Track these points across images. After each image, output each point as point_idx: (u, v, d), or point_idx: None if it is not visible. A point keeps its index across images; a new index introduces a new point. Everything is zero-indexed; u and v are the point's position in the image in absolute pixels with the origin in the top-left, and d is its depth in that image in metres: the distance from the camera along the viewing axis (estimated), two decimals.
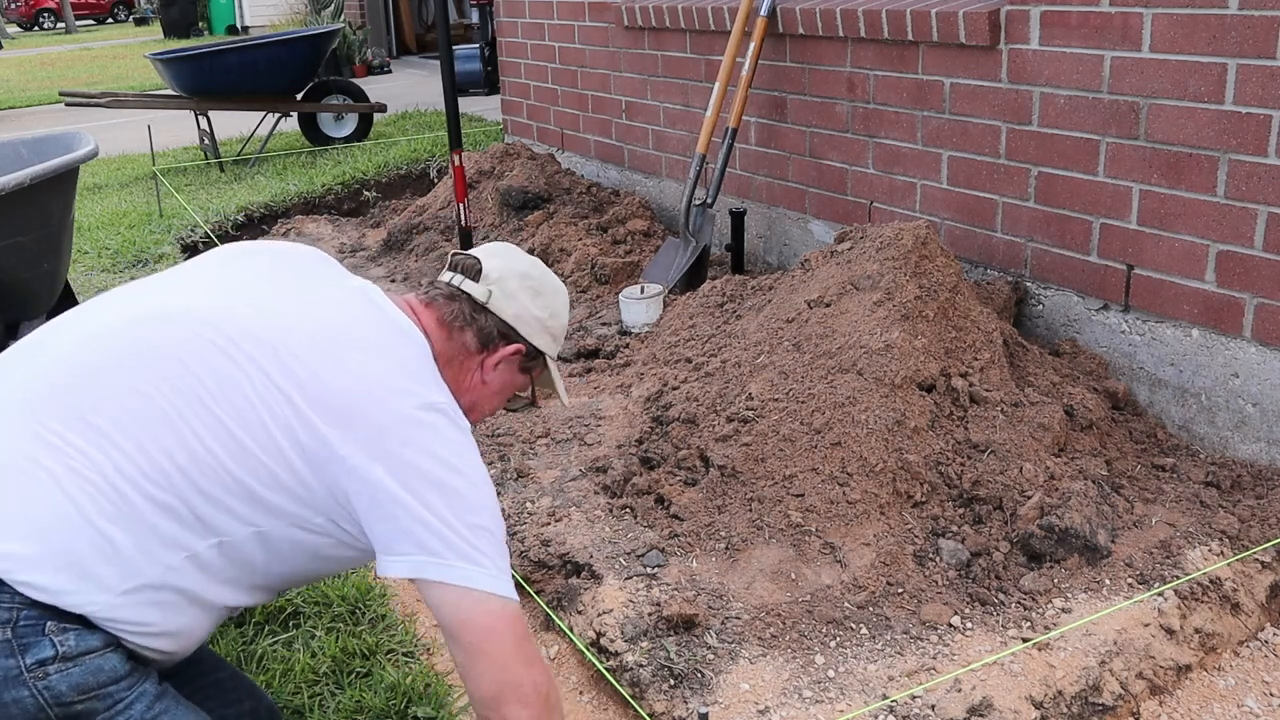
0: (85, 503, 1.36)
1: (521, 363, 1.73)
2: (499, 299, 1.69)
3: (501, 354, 1.68)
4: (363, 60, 13.08)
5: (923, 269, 3.03)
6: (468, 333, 1.67)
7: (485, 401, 1.74)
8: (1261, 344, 2.82)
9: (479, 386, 1.70)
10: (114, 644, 1.39)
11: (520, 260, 1.76)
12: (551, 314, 1.75)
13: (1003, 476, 2.66)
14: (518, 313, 1.70)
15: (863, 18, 3.83)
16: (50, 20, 32.86)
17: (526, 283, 1.72)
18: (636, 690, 2.17)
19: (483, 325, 1.68)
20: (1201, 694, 2.23)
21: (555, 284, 1.78)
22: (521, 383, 1.78)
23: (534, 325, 1.72)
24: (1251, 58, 2.72)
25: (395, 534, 1.45)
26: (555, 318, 1.76)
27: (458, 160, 3.90)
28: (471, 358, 1.68)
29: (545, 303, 1.74)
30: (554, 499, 2.84)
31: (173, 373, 1.43)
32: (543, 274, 1.77)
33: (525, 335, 1.70)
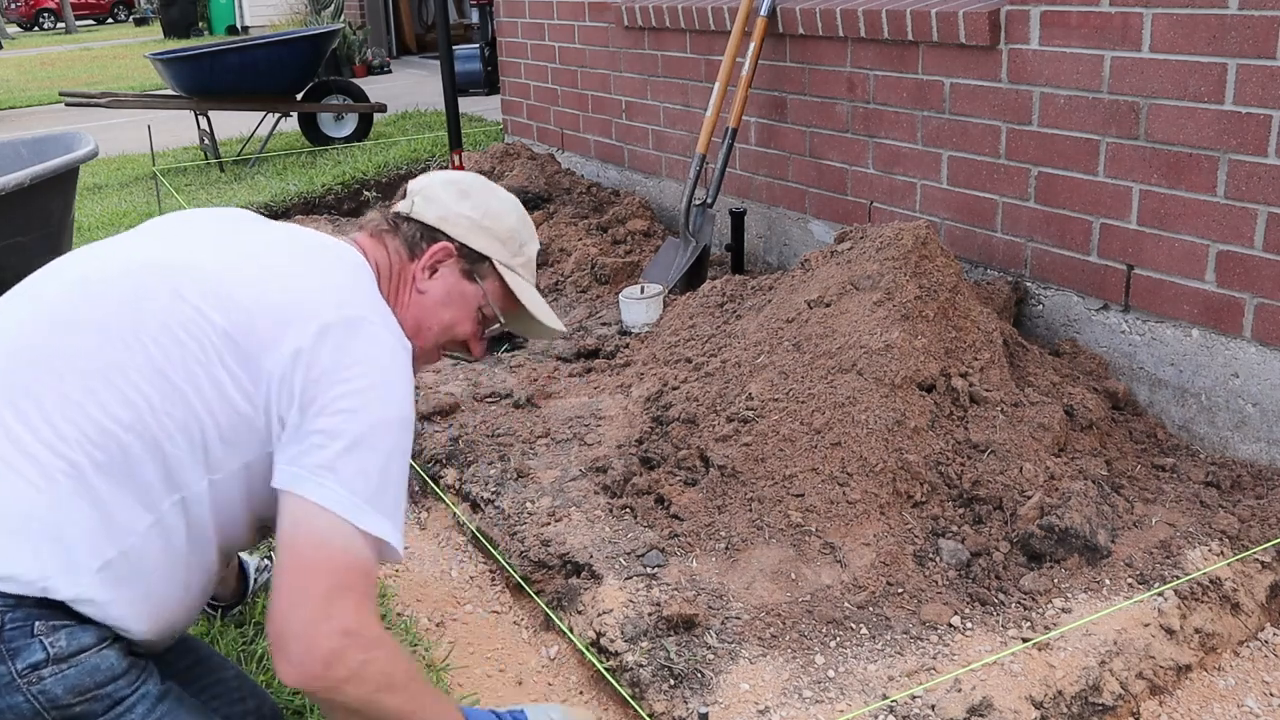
0: (38, 480, 1.32)
1: (462, 267, 1.68)
2: (421, 205, 1.68)
3: (430, 255, 1.65)
4: (363, 60, 13.08)
5: (923, 269, 3.03)
6: (395, 240, 1.66)
7: (430, 316, 1.67)
8: (1261, 344, 2.82)
9: (419, 298, 1.65)
10: (109, 639, 1.36)
11: (451, 173, 1.75)
12: (486, 213, 1.70)
13: (1003, 476, 2.66)
14: (441, 213, 1.67)
15: (863, 18, 3.83)
16: (50, 20, 32.86)
17: (451, 186, 1.70)
18: (636, 690, 2.17)
19: (407, 231, 1.66)
20: (1201, 694, 2.23)
21: (490, 188, 1.74)
22: (472, 294, 1.71)
23: (464, 224, 1.67)
24: (1251, 58, 2.72)
25: (291, 441, 1.39)
26: (493, 218, 1.70)
27: (458, 160, 3.90)
28: (407, 268, 1.65)
29: (476, 202, 1.69)
30: (554, 499, 2.84)
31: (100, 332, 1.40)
32: (474, 180, 1.73)
33: (454, 235, 1.66)
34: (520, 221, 1.75)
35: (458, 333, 1.71)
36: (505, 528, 2.77)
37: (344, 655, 1.31)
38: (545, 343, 4.01)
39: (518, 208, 1.77)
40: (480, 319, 1.74)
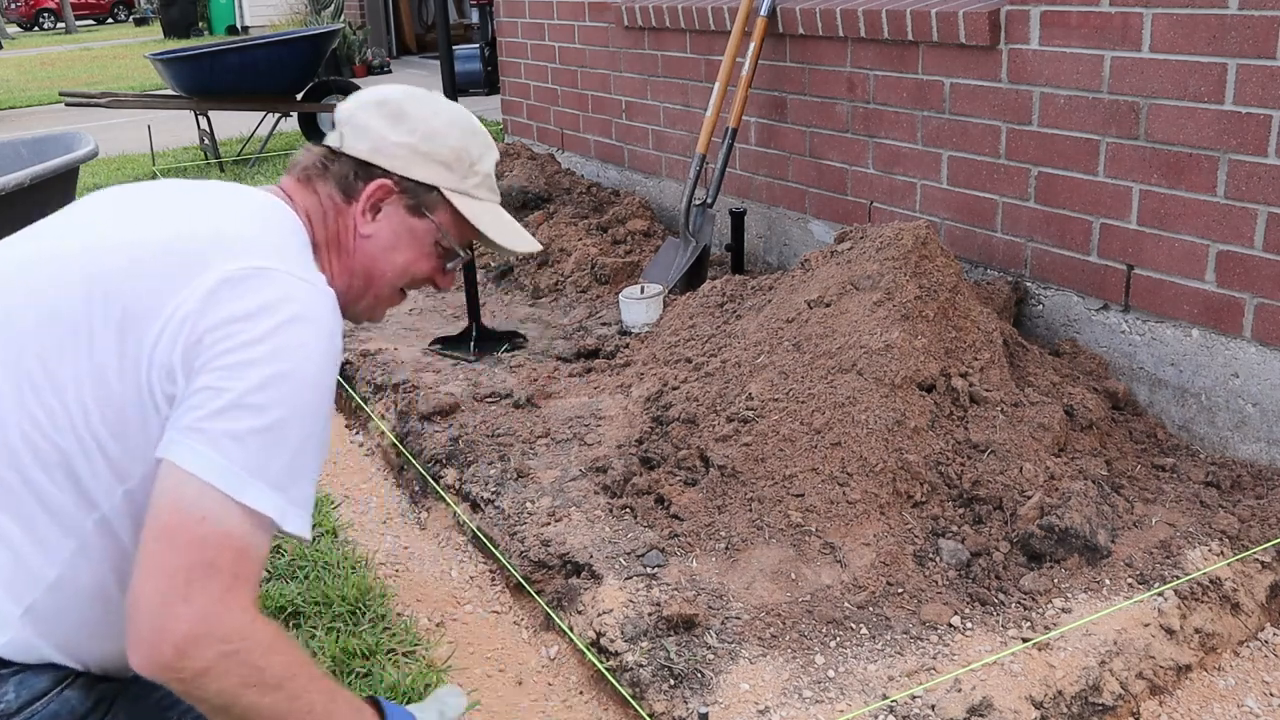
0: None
1: (407, 203, 1.49)
2: (350, 137, 1.48)
3: (367, 196, 1.46)
4: (363, 60, 13.09)
5: (923, 269, 3.03)
6: (328, 183, 1.47)
7: (381, 262, 1.50)
8: (1261, 344, 2.82)
9: (364, 244, 1.48)
10: (68, 677, 1.24)
11: (380, 91, 1.53)
12: (425, 136, 1.49)
13: (1003, 476, 2.66)
14: (374, 145, 1.47)
15: (863, 18, 3.83)
16: (50, 20, 32.86)
17: (382, 109, 1.49)
18: (636, 690, 2.17)
19: (339, 170, 1.47)
20: (1201, 694, 2.23)
21: (429, 102, 1.52)
22: (423, 230, 1.51)
23: (401, 154, 1.47)
24: (1251, 58, 2.72)
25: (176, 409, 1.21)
26: (434, 140, 1.49)
27: None
28: (345, 212, 1.47)
29: (412, 125, 1.49)
30: (554, 499, 2.84)
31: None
32: (407, 96, 1.52)
33: (392, 169, 1.47)
34: (467, 135, 1.53)
35: (416, 273, 1.54)
36: (505, 528, 2.77)
37: (200, 645, 1.12)
38: (545, 342, 4.01)
39: (464, 119, 1.55)
40: (439, 254, 1.55)
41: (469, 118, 1.57)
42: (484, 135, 1.58)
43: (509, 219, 1.61)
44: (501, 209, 1.61)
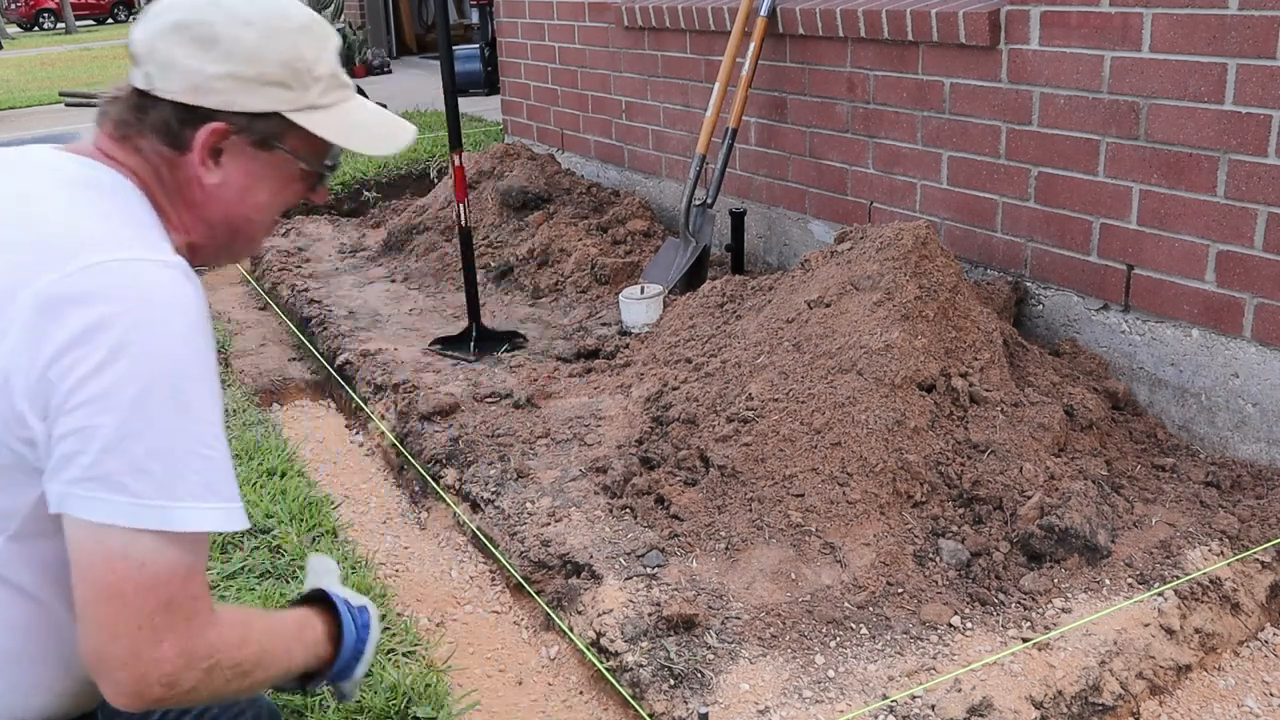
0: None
1: (250, 139, 1.28)
2: (159, 75, 1.25)
3: (200, 144, 1.26)
4: (363, 60, 13.08)
5: (923, 269, 3.03)
6: (148, 137, 1.27)
7: (240, 207, 1.33)
8: (1261, 344, 2.82)
9: (215, 193, 1.29)
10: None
11: (174, 10, 1.27)
12: (249, 59, 1.25)
13: (1003, 476, 2.66)
14: (192, 83, 1.24)
15: (863, 18, 3.83)
16: (50, 20, 32.87)
17: (184, 35, 1.25)
18: (636, 690, 2.17)
19: (157, 119, 1.26)
20: (1201, 694, 2.23)
21: (236, 12, 1.27)
22: (278, 161, 1.32)
23: (225, 86, 1.25)
24: (1251, 58, 2.72)
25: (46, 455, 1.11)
26: (257, 60, 1.26)
27: (458, 160, 3.90)
28: (180, 163, 1.28)
29: (226, 48, 1.24)
30: (554, 499, 2.84)
31: None
32: (206, 10, 1.26)
33: (219, 107, 1.25)
34: (295, 39, 1.30)
35: (285, 203, 1.39)
36: (505, 528, 2.77)
37: (184, 673, 1.12)
38: (545, 342, 4.01)
39: (283, 18, 1.30)
40: (304, 176, 1.37)
41: (288, 12, 1.32)
42: (314, 26, 1.34)
43: (372, 113, 1.41)
44: (359, 102, 1.40)
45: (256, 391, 3.96)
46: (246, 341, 4.49)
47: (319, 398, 4.07)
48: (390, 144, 1.40)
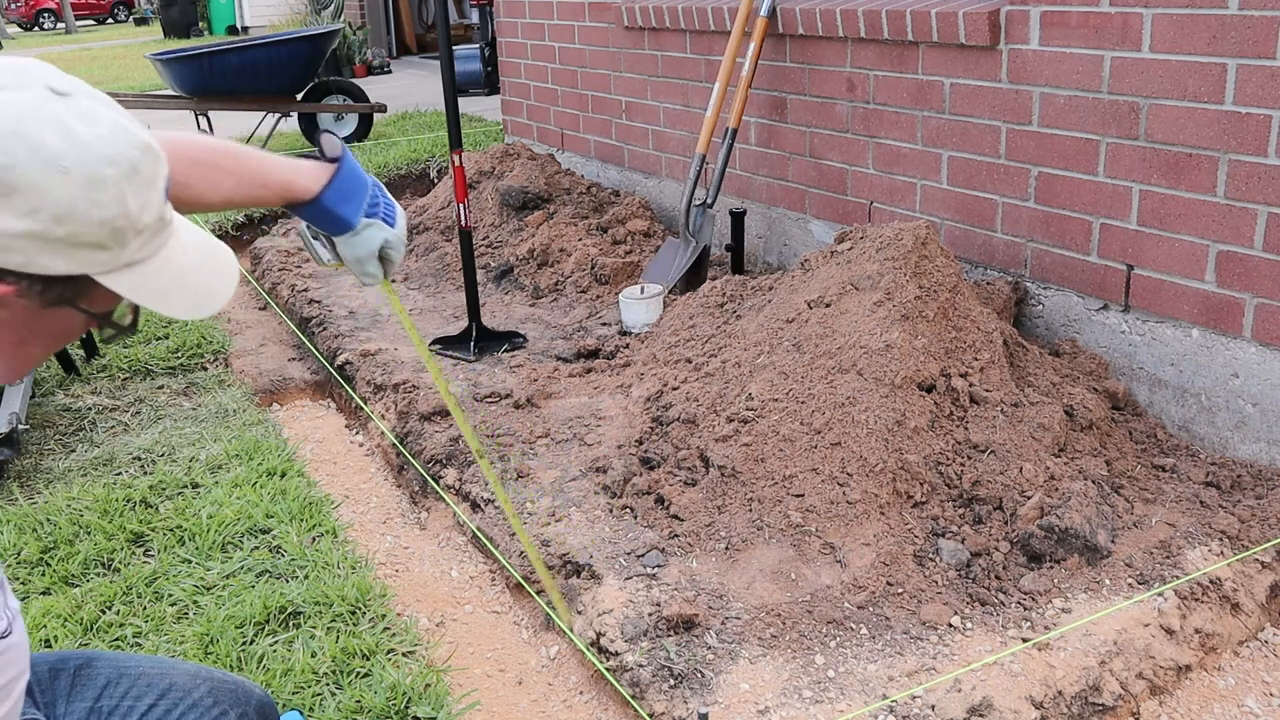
0: None
1: (44, 298, 1.02)
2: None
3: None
4: (363, 60, 13.08)
5: (923, 269, 3.03)
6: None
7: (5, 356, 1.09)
8: (1261, 344, 2.82)
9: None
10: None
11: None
12: (59, 218, 0.97)
13: (1003, 476, 2.66)
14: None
15: (863, 18, 3.83)
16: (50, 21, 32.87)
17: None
18: (636, 690, 2.17)
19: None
20: (1201, 694, 2.23)
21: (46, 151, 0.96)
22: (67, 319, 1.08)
23: (29, 246, 0.97)
24: (1251, 58, 2.72)
25: None
26: (75, 218, 0.98)
27: (458, 160, 3.90)
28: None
29: (32, 203, 0.95)
30: (554, 499, 2.84)
31: None
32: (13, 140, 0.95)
33: (12, 268, 0.98)
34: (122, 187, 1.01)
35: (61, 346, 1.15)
36: (505, 528, 2.77)
37: None
38: (545, 342, 4.01)
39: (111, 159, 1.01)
40: (96, 323, 1.11)
41: (117, 149, 1.02)
42: (144, 162, 1.05)
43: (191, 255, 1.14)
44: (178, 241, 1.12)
45: (256, 391, 3.96)
46: (246, 341, 4.49)
47: (319, 398, 4.07)
48: (206, 303, 1.14)
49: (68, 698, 1.42)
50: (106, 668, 1.47)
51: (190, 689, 1.48)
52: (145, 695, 1.45)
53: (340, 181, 1.60)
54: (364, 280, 1.71)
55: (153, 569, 2.74)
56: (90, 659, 1.48)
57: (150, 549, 2.87)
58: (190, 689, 1.48)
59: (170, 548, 2.84)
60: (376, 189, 1.67)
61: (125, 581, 2.68)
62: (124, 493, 3.10)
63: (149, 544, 2.89)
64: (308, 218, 1.62)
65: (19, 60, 1.03)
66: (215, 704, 1.48)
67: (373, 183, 1.66)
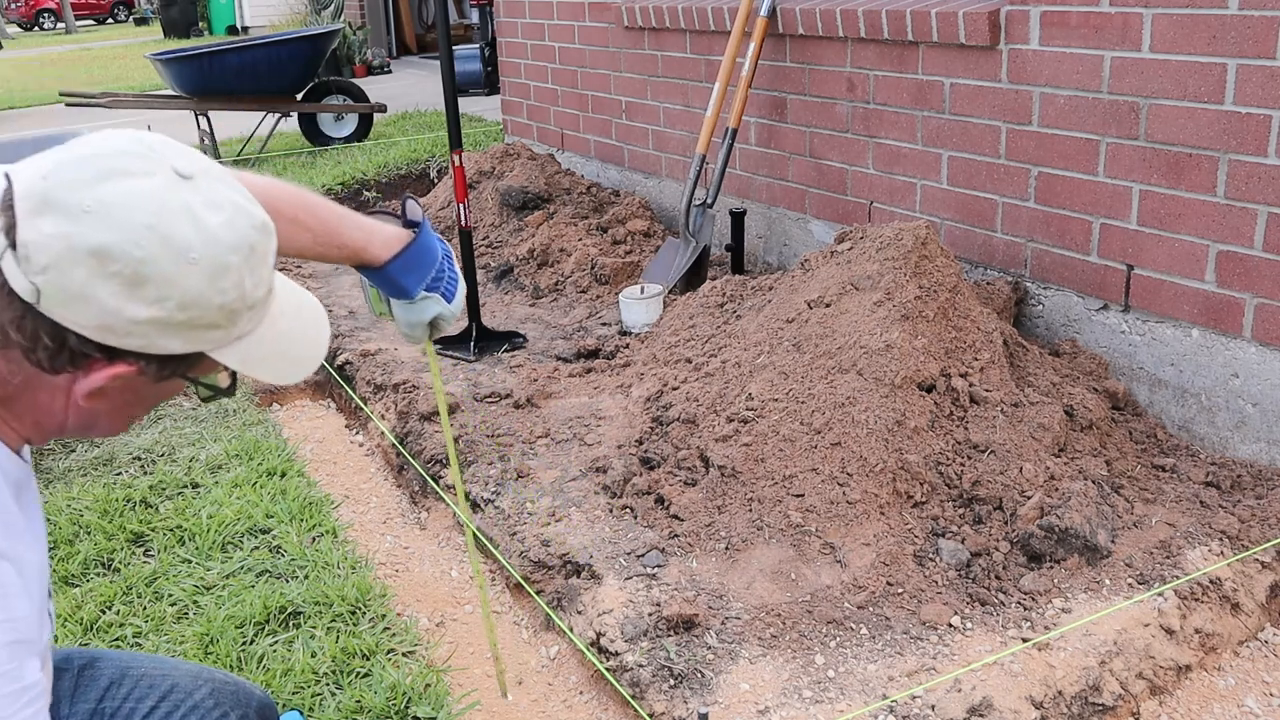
0: None
1: (157, 374, 1.07)
2: (56, 299, 0.98)
3: (95, 380, 1.04)
4: (363, 60, 13.08)
5: (923, 269, 3.03)
6: (13, 355, 1.02)
7: (104, 420, 1.13)
8: (1261, 344, 2.82)
9: (80, 412, 1.09)
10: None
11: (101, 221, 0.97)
12: (184, 304, 1.01)
13: (1003, 476, 2.66)
14: (105, 323, 0.99)
15: (863, 18, 3.83)
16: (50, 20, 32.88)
17: (105, 269, 0.97)
18: (636, 690, 2.17)
19: (31, 336, 1.00)
20: (1201, 694, 2.23)
21: (176, 241, 0.99)
22: (170, 388, 1.13)
23: (151, 330, 1.01)
24: (1251, 58, 2.72)
25: None
26: (198, 305, 1.02)
27: (458, 160, 3.90)
28: (46, 383, 1.05)
29: (160, 292, 0.99)
30: (554, 499, 2.84)
31: None
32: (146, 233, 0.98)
33: (133, 349, 1.02)
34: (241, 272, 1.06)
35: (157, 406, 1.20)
36: (505, 528, 2.77)
37: None
38: (545, 342, 4.01)
39: (234, 246, 1.05)
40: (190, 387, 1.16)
41: (240, 234, 1.05)
42: (261, 241, 1.09)
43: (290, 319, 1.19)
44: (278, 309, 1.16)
45: (256, 391, 3.96)
46: None
47: (319, 398, 4.07)
48: (302, 368, 1.21)
49: (71, 698, 1.43)
50: (110, 668, 1.49)
51: (192, 690, 1.50)
52: (147, 697, 1.47)
53: (410, 255, 1.61)
54: (407, 338, 1.73)
55: (153, 569, 2.74)
56: (94, 659, 1.50)
57: (150, 549, 2.87)
58: (192, 690, 1.50)
59: (170, 548, 2.84)
60: (446, 261, 1.68)
61: (125, 581, 2.68)
62: (124, 493, 3.10)
63: (149, 544, 2.89)
64: (369, 278, 1.64)
65: (141, 137, 1.06)
66: (216, 705, 1.50)
67: (444, 254, 1.68)
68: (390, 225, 1.62)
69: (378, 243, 1.58)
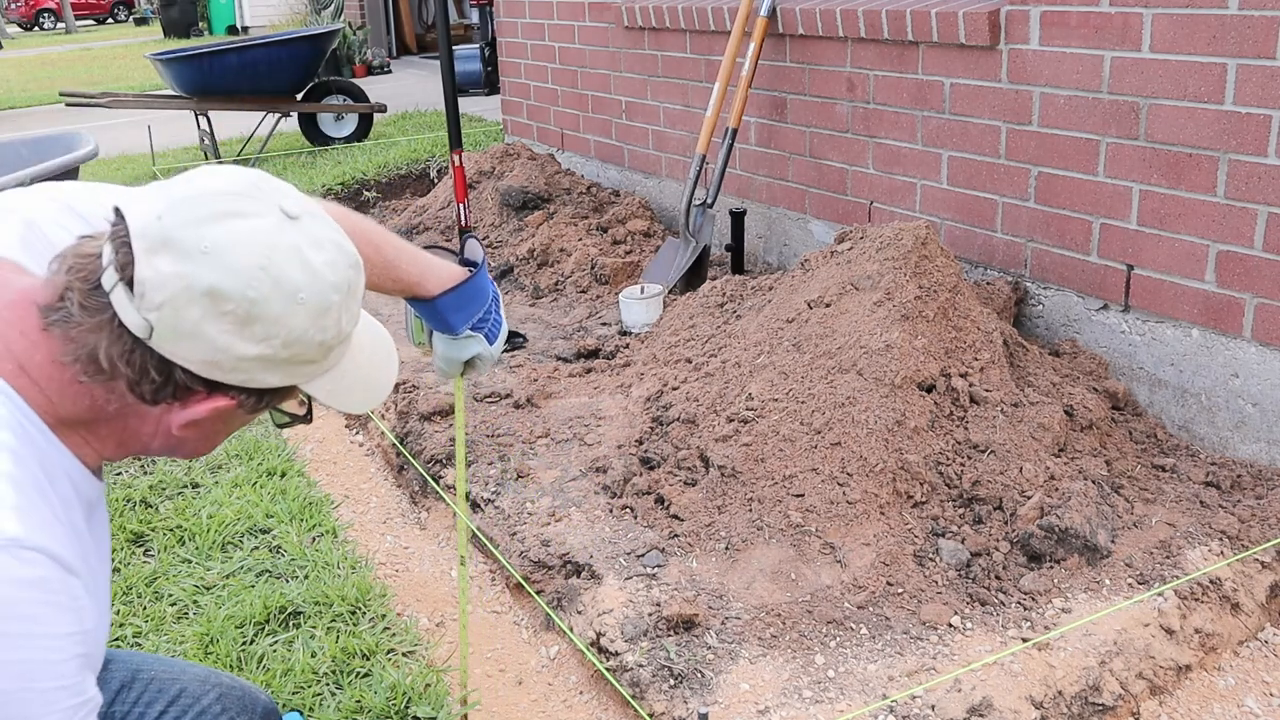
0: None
1: (249, 406, 1.11)
2: (168, 337, 1.01)
3: (195, 412, 1.08)
4: (363, 60, 13.08)
5: (923, 269, 3.03)
6: (116, 386, 1.04)
7: (188, 446, 1.16)
8: (1261, 344, 2.82)
9: (171, 439, 1.12)
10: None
11: (217, 261, 1.01)
12: (289, 342, 1.06)
13: (1003, 476, 2.66)
14: (213, 359, 1.03)
15: (863, 18, 3.83)
16: (50, 20, 32.88)
17: (218, 309, 1.01)
18: (636, 690, 2.17)
19: (139, 369, 1.03)
20: (1201, 694, 2.23)
21: (294, 283, 1.04)
22: (260, 414, 1.18)
23: (255, 366, 1.06)
24: (1251, 58, 2.72)
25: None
26: (301, 342, 1.07)
27: (458, 160, 3.90)
28: (141, 413, 1.08)
29: (269, 330, 1.04)
30: (554, 499, 2.84)
31: None
32: (259, 274, 1.02)
33: (235, 383, 1.07)
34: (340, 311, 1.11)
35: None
36: (505, 528, 2.77)
37: None
38: (545, 342, 4.01)
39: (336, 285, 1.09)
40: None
41: (340, 273, 1.10)
42: (356, 280, 1.14)
43: (369, 350, 1.24)
44: (357, 342, 1.21)
45: None
46: None
47: None
48: (377, 396, 1.27)
49: None
50: (121, 671, 1.51)
51: (199, 695, 1.52)
52: (156, 701, 1.49)
53: (463, 292, 1.63)
54: (440, 372, 1.75)
55: (153, 569, 2.74)
56: (106, 661, 1.51)
57: (150, 549, 2.87)
58: (199, 695, 1.52)
59: (170, 548, 2.84)
60: (494, 304, 1.71)
61: (125, 581, 2.68)
62: (124, 493, 3.10)
63: (149, 544, 2.89)
64: (417, 308, 1.66)
65: (245, 174, 1.09)
66: (224, 711, 1.53)
67: (494, 296, 1.70)
68: (446, 261, 1.64)
69: (432, 280, 1.60)
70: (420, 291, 1.59)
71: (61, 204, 1.21)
